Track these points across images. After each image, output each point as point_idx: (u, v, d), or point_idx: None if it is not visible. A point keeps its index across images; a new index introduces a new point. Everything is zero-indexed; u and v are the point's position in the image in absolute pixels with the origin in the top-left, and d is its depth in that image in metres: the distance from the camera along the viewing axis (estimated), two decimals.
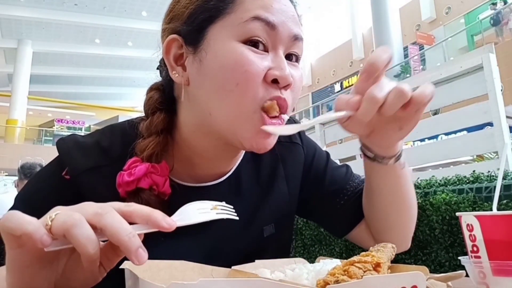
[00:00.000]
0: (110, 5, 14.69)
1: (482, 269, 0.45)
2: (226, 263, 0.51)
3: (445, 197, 1.10)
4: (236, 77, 0.50)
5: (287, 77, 0.51)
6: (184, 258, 0.52)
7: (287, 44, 0.54)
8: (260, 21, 0.50)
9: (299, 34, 0.55)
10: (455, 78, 1.81)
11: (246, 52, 0.50)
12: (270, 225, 0.65)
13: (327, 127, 2.74)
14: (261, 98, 0.51)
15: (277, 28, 0.51)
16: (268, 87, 0.51)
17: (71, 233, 0.33)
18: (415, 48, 11.57)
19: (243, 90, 0.50)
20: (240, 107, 0.51)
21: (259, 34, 0.51)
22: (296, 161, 0.72)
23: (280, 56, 0.52)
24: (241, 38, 0.51)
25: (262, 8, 0.51)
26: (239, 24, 0.50)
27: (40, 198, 0.56)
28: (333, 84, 15.64)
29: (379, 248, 0.45)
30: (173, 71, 0.56)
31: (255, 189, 0.66)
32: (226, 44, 0.51)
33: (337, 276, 0.34)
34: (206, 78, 0.52)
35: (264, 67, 0.51)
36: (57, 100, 19.39)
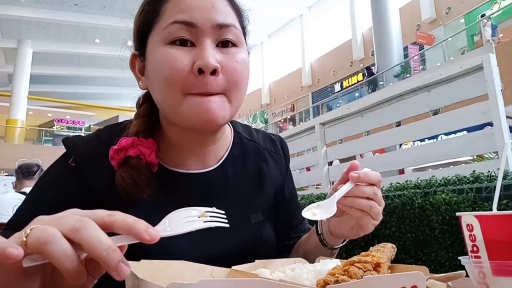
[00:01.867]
0: (110, 5, 14.70)
1: (482, 269, 0.45)
2: (218, 251, 0.56)
3: (445, 197, 1.10)
4: (163, 73, 0.58)
5: (208, 64, 0.56)
6: (175, 248, 0.57)
7: (214, 34, 0.59)
8: (178, 23, 0.58)
9: (224, 22, 0.60)
10: (455, 78, 1.81)
11: (171, 51, 0.58)
12: (257, 213, 0.72)
13: (327, 127, 2.74)
14: (188, 87, 0.57)
15: (196, 24, 0.58)
16: (197, 77, 0.57)
17: (45, 250, 0.32)
18: (415, 48, 11.56)
19: (171, 83, 0.57)
20: (174, 97, 0.58)
21: (180, 33, 0.58)
22: (278, 169, 0.80)
23: (204, 46, 0.58)
24: (166, 41, 0.59)
25: (180, 11, 0.59)
26: (163, 30, 0.59)
27: (51, 186, 0.63)
28: (333, 84, 15.62)
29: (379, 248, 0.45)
30: (139, 81, 0.67)
31: (242, 182, 0.72)
32: (156, 48, 0.60)
33: (337, 276, 0.34)
34: (150, 80, 0.62)
35: (188, 62, 0.57)
36: (57, 100, 19.39)
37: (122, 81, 20.26)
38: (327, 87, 16.12)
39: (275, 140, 0.83)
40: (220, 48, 0.60)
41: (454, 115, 1.83)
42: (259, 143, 0.79)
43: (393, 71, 10.88)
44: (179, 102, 0.58)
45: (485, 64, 1.62)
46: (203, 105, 0.57)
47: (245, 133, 0.79)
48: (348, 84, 14.61)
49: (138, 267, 0.41)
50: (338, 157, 2.86)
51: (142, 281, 0.34)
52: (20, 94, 16.01)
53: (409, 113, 2.13)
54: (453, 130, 1.87)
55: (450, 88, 1.84)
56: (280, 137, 0.85)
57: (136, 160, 0.60)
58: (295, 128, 3.34)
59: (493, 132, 1.57)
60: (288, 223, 0.82)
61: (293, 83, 17.89)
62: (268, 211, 0.76)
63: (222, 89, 0.59)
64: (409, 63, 11.19)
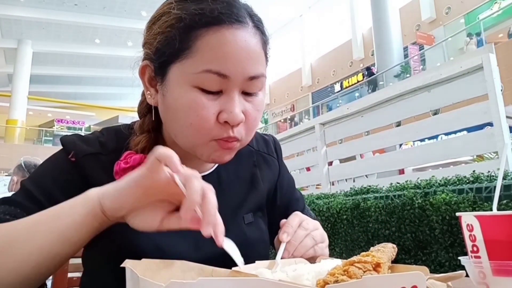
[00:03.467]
0: (110, 5, 14.70)
1: (482, 269, 0.45)
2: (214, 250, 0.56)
3: (445, 197, 1.10)
4: (190, 119, 0.57)
5: (235, 118, 0.57)
6: (171, 248, 0.58)
7: (243, 85, 0.58)
8: (212, 73, 0.55)
9: (256, 74, 0.58)
10: (455, 78, 1.81)
11: (199, 97, 0.56)
12: (249, 214, 0.73)
13: (327, 127, 2.74)
14: (214, 135, 0.58)
15: (229, 77, 0.56)
16: (221, 126, 0.58)
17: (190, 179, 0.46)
18: (415, 48, 11.56)
19: (196, 129, 0.58)
20: (195, 140, 0.59)
21: (211, 85, 0.56)
22: (271, 171, 0.81)
23: (232, 97, 0.57)
24: (194, 84, 0.56)
25: (215, 59, 0.55)
26: (193, 73, 0.56)
27: (49, 179, 0.62)
28: (333, 84, 15.62)
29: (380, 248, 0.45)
30: (147, 91, 0.64)
31: (236, 184, 0.74)
32: (182, 89, 0.57)
33: (336, 276, 0.34)
34: (168, 112, 0.61)
35: (215, 111, 0.57)
36: (57, 100, 19.40)
37: (122, 81, 20.27)
38: (327, 87, 16.12)
39: (268, 140, 0.85)
40: (245, 96, 0.60)
41: (454, 115, 1.83)
42: (253, 146, 0.80)
43: (393, 71, 10.88)
44: (201, 144, 0.60)
45: (485, 64, 1.62)
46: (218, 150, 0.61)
47: None
48: (348, 84, 14.61)
49: (139, 266, 0.41)
50: (338, 157, 2.86)
51: (142, 279, 0.34)
52: (20, 94, 16.01)
53: (409, 113, 2.13)
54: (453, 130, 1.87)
55: (450, 88, 1.85)
56: (273, 137, 0.87)
57: None
58: (295, 128, 3.34)
59: (493, 132, 1.57)
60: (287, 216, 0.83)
61: (293, 83, 17.90)
62: (261, 211, 0.77)
63: (241, 137, 0.61)
64: (409, 63, 11.19)
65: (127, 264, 0.40)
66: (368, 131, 2.69)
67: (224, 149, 0.60)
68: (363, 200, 1.51)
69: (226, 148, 0.60)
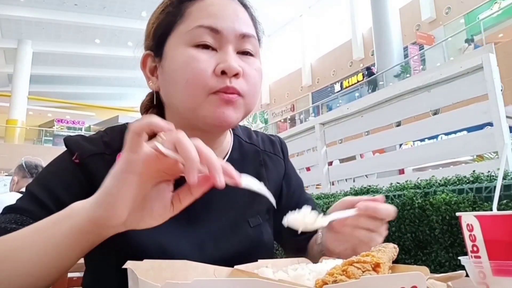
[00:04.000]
0: (110, 5, 14.70)
1: (482, 269, 0.45)
2: (218, 254, 0.57)
3: (445, 197, 1.10)
4: (186, 74, 0.59)
5: (232, 67, 0.59)
6: (176, 251, 0.58)
7: (236, 42, 0.62)
8: (204, 28, 0.60)
9: (247, 32, 0.63)
10: (455, 78, 1.81)
11: (194, 53, 0.59)
12: (256, 217, 0.72)
13: (327, 127, 2.74)
14: (211, 87, 0.59)
15: (221, 32, 0.60)
16: (219, 78, 0.59)
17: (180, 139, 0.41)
18: (415, 48, 11.56)
19: (193, 83, 0.59)
20: (194, 98, 0.60)
21: (205, 38, 0.60)
22: (277, 171, 0.80)
23: (227, 52, 0.61)
24: (190, 43, 0.60)
25: (206, 16, 0.61)
26: (187, 32, 0.60)
27: (55, 182, 0.61)
28: (333, 84, 15.62)
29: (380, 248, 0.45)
30: (149, 81, 0.67)
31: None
32: (178, 50, 0.61)
33: (335, 276, 0.34)
34: (168, 80, 0.62)
35: (211, 64, 0.59)
36: (57, 100, 19.40)
37: (122, 81, 20.26)
38: (327, 87, 16.12)
39: (275, 141, 0.84)
40: (240, 55, 0.63)
41: (454, 115, 1.83)
42: (259, 145, 0.80)
43: (393, 71, 10.88)
44: (200, 102, 0.60)
45: (485, 64, 1.62)
46: (221, 105, 0.60)
47: (244, 136, 0.79)
48: (348, 84, 14.61)
49: (141, 266, 0.41)
50: (338, 157, 2.86)
51: (141, 280, 0.35)
52: (20, 94, 16.01)
53: (409, 113, 2.13)
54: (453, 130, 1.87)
55: (450, 88, 1.85)
56: (279, 138, 0.86)
57: None
58: (295, 128, 3.34)
59: (493, 132, 1.58)
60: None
61: (293, 83, 17.90)
62: (267, 213, 0.76)
63: (242, 91, 0.61)
64: (409, 63, 11.19)
65: (128, 265, 0.40)
66: (368, 131, 2.69)
67: (226, 102, 0.60)
68: None
69: (228, 101, 0.60)
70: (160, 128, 0.42)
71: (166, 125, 0.42)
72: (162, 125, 0.42)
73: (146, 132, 0.42)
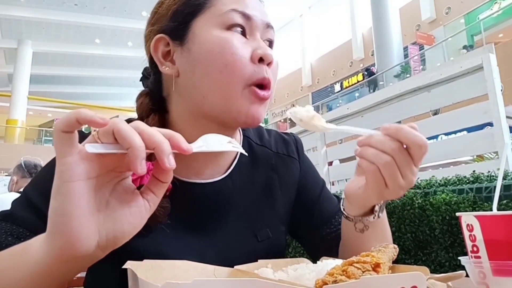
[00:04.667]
0: (110, 5, 14.69)
1: (482, 269, 0.45)
2: (219, 261, 0.51)
3: (445, 197, 1.10)
4: (225, 59, 0.56)
5: (269, 54, 0.58)
6: (176, 257, 0.53)
7: (262, 31, 0.62)
8: (238, 12, 0.58)
9: (270, 22, 0.63)
10: (455, 78, 1.81)
11: (231, 37, 0.57)
12: (265, 230, 0.67)
13: None
14: (249, 76, 0.57)
15: (252, 18, 0.59)
16: (255, 66, 0.57)
17: (117, 127, 0.35)
18: (415, 48, 11.56)
19: (232, 70, 0.56)
20: (231, 85, 0.56)
21: (239, 21, 0.58)
22: (291, 174, 0.74)
23: (259, 39, 0.60)
24: (223, 26, 0.58)
25: (237, 2, 0.59)
26: (220, 15, 0.58)
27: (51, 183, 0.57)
28: (333, 84, 15.62)
29: (380, 248, 0.45)
30: (163, 65, 0.61)
31: (249, 194, 0.68)
32: (212, 32, 0.57)
33: (335, 276, 0.34)
34: (197, 64, 0.58)
35: (248, 50, 0.57)
36: (57, 100, 19.37)
37: (122, 81, 20.25)
38: (327, 87, 16.11)
39: (289, 140, 0.78)
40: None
41: (454, 115, 1.83)
42: (270, 147, 0.74)
43: (393, 71, 10.88)
44: (235, 95, 0.57)
45: (485, 64, 1.62)
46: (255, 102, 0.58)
47: (255, 137, 0.74)
48: (348, 84, 14.60)
49: (141, 266, 0.41)
50: (338, 157, 2.86)
51: (141, 280, 0.35)
52: (20, 94, 15.99)
53: (409, 113, 2.13)
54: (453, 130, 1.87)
55: (450, 88, 1.85)
56: (294, 136, 0.80)
57: None
58: (295, 128, 3.33)
59: (493, 132, 1.58)
60: (323, 218, 0.74)
61: (293, 83, 17.89)
62: (280, 224, 0.70)
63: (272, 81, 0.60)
64: (409, 63, 11.19)
65: (128, 266, 0.40)
66: None
67: (260, 99, 0.58)
68: None
69: (262, 99, 0.58)
70: (90, 119, 0.35)
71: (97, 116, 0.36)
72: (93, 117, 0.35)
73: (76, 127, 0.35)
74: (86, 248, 0.36)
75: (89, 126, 0.37)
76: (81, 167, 0.36)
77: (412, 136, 0.50)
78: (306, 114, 0.52)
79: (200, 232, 0.62)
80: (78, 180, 0.35)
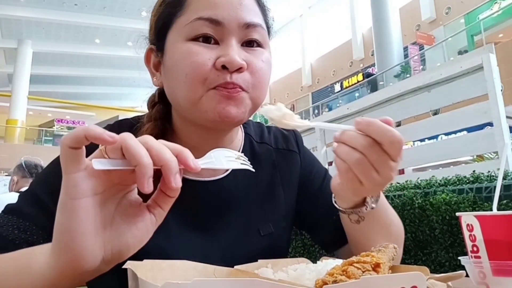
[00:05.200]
0: (110, 5, 14.69)
1: (482, 269, 0.45)
2: (224, 262, 0.52)
3: (445, 197, 1.10)
4: (184, 68, 0.56)
5: (233, 61, 0.55)
6: (182, 257, 0.53)
7: (240, 33, 0.58)
8: (203, 20, 0.56)
9: (252, 21, 0.58)
10: (455, 78, 1.81)
11: (192, 46, 0.56)
12: (268, 224, 0.67)
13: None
14: (210, 82, 0.56)
15: (222, 23, 0.56)
16: (219, 73, 0.56)
17: (126, 144, 0.35)
18: (415, 48, 11.56)
19: (191, 77, 0.56)
20: (193, 93, 0.56)
21: (205, 30, 0.56)
22: (292, 168, 0.75)
23: (229, 45, 0.56)
24: (189, 37, 0.57)
25: (206, 7, 0.56)
26: (186, 25, 0.57)
27: (59, 182, 0.58)
28: (333, 84, 15.62)
29: (380, 248, 0.45)
30: (154, 77, 0.64)
31: (252, 191, 0.68)
32: (178, 44, 0.58)
33: (335, 276, 0.34)
34: (169, 76, 0.60)
35: (211, 57, 0.56)
36: (57, 100, 19.38)
37: (122, 81, 20.25)
38: (327, 87, 16.11)
39: (288, 136, 0.78)
40: (245, 47, 0.59)
41: (454, 115, 1.83)
42: (271, 144, 0.75)
43: (393, 71, 10.88)
44: (199, 97, 0.56)
45: (485, 64, 1.62)
46: (222, 101, 0.56)
47: (256, 135, 0.75)
48: (348, 84, 14.60)
49: (141, 266, 0.41)
50: None
51: (141, 280, 0.35)
52: (20, 94, 15.99)
53: (409, 113, 2.13)
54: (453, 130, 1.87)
55: (450, 88, 1.85)
56: (294, 131, 0.79)
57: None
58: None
59: (493, 132, 1.58)
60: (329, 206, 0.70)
61: (293, 83, 17.89)
62: (283, 221, 0.70)
63: (246, 85, 0.57)
64: (409, 63, 11.19)
65: (128, 265, 0.40)
66: None
67: (227, 98, 0.55)
68: None
69: (228, 97, 0.56)
70: (99, 137, 0.34)
71: (106, 134, 0.34)
72: (102, 134, 0.34)
73: (84, 144, 0.35)
74: (91, 264, 0.37)
75: (98, 143, 0.35)
76: (88, 183, 0.36)
77: (382, 131, 0.47)
78: (276, 114, 0.52)
79: (203, 230, 0.62)
80: (85, 197, 0.35)
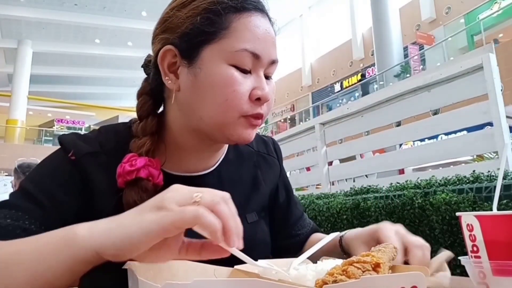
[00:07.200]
0: (110, 5, 14.70)
1: (482, 269, 0.45)
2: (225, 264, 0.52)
3: (445, 197, 1.10)
4: (226, 94, 0.59)
5: (267, 95, 0.61)
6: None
7: (266, 67, 0.64)
8: (249, 52, 0.60)
9: (276, 58, 0.65)
10: (455, 78, 1.81)
11: (235, 74, 0.59)
12: (253, 213, 0.73)
13: (327, 127, 2.74)
14: (245, 111, 0.61)
15: (260, 57, 0.61)
16: (252, 104, 0.61)
17: (218, 208, 0.40)
18: (415, 48, 11.56)
19: (230, 105, 0.59)
20: (227, 116, 0.60)
21: (246, 62, 0.60)
22: (272, 171, 0.82)
23: (261, 77, 0.62)
24: (231, 62, 0.60)
25: (251, 40, 0.60)
26: (231, 52, 0.59)
27: (49, 178, 0.60)
28: (333, 84, 15.62)
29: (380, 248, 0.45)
30: (166, 77, 0.63)
31: (237, 185, 0.74)
32: (219, 66, 0.59)
33: (335, 276, 0.34)
34: (199, 91, 0.61)
35: (249, 87, 0.61)
36: (57, 100, 19.39)
37: (122, 81, 20.27)
38: (327, 87, 16.12)
39: (267, 141, 0.86)
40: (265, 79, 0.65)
41: (454, 115, 1.83)
42: (253, 146, 0.82)
43: (393, 71, 10.88)
44: (230, 122, 0.61)
45: (485, 64, 1.62)
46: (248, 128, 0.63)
47: None
48: (348, 84, 14.61)
49: (141, 266, 0.41)
50: (338, 157, 2.86)
51: (140, 280, 0.35)
52: (20, 94, 16.01)
53: (409, 113, 2.13)
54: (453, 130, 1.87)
55: (450, 88, 1.85)
56: (272, 138, 0.89)
57: (146, 182, 0.60)
58: (295, 128, 3.33)
59: (493, 132, 1.58)
60: (288, 221, 0.83)
61: (293, 83, 17.90)
62: (263, 212, 0.77)
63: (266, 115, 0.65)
64: (409, 63, 11.19)
65: (128, 266, 0.40)
66: (368, 131, 2.69)
67: (253, 126, 0.63)
68: (363, 200, 1.51)
69: (254, 126, 0.63)
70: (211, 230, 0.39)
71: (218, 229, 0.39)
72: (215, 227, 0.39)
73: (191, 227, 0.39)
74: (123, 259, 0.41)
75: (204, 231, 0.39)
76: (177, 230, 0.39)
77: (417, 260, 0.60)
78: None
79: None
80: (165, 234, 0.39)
